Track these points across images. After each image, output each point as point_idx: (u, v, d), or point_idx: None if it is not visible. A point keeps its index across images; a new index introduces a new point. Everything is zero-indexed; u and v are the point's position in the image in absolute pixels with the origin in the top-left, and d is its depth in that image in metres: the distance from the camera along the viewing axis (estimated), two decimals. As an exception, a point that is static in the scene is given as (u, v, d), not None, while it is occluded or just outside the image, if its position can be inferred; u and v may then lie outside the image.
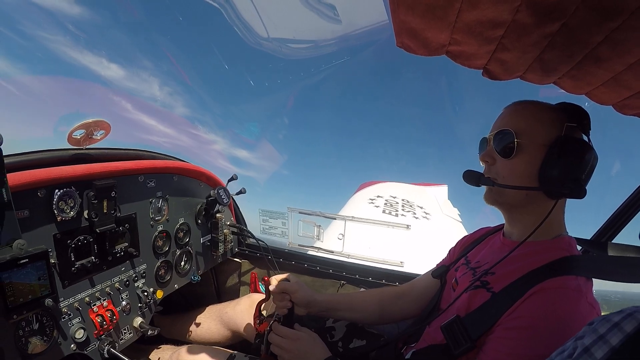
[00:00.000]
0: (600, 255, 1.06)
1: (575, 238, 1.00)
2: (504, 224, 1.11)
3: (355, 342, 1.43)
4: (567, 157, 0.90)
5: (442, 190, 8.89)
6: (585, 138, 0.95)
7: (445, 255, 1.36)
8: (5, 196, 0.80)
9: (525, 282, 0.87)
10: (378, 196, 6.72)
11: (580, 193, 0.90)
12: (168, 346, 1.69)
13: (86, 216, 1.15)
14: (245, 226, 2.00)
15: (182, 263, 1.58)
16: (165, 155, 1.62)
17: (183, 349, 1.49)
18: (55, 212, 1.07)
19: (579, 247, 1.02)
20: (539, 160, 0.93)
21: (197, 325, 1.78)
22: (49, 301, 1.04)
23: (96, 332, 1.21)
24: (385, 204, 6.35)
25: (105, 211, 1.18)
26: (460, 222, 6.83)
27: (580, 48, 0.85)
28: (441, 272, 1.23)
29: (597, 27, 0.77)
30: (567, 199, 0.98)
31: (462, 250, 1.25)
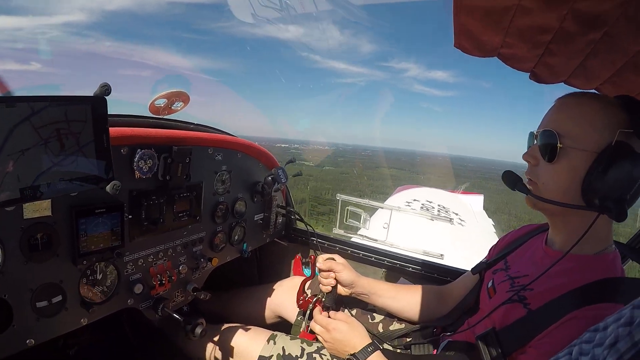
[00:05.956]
0: None
1: (613, 242, 0.94)
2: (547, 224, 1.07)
3: (395, 324, 1.45)
4: (614, 170, 0.79)
5: (478, 200, 8.67)
6: None
7: (485, 255, 1.33)
8: (105, 142, 0.84)
9: (562, 304, 0.84)
10: (415, 200, 6.66)
11: (619, 216, 0.79)
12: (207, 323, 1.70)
13: (161, 177, 1.19)
14: (294, 209, 2.00)
15: (236, 236, 1.62)
16: (230, 134, 1.66)
17: (224, 327, 1.50)
18: (135, 169, 1.11)
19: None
20: (584, 170, 0.84)
21: (238, 304, 1.80)
22: (117, 252, 1.10)
23: (154, 290, 1.26)
24: (422, 207, 6.28)
25: (178, 175, 1.22)
26: (495, 232, 6.62)
27: (621, 56, 0.88)
28: (480, 268, 1.21)
29: (636, 37, 0.80)
30: None
31: (503, 249, 1.22)
